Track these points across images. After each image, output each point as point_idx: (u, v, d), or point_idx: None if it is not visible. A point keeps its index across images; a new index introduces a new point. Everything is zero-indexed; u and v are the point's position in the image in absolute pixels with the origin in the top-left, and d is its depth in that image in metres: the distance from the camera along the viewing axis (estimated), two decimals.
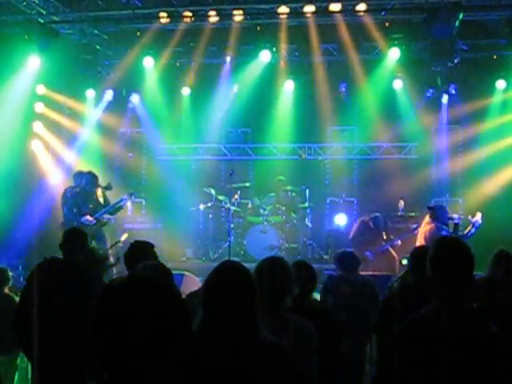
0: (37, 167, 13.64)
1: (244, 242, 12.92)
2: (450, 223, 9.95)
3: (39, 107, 13.58)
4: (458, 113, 13.60)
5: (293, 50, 13.81)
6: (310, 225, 13.42)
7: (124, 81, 14.34)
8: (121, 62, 13.92)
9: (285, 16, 12.20)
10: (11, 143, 12.66)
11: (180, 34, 13.20)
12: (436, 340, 2.92)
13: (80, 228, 5.94)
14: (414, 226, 11.77)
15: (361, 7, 11.74)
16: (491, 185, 13.07)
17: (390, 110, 13.93)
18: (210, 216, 13.99)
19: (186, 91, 14.60)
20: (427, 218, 10.09)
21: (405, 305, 3.59)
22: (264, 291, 3.25)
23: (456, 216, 10.00)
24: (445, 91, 13.31)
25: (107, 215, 11.12)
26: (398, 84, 13.68)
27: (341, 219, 13.43)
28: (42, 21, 11.91)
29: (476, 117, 13.38)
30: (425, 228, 9.93)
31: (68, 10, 12.17)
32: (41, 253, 9.64)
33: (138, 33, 13.42)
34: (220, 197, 13.38)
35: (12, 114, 12.72)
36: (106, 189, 11.35)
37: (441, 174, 14.00)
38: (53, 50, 12.14)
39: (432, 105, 13.73)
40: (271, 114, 14.45)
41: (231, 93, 14.46)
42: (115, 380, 1.95)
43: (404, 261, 9.67)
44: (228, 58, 13.90)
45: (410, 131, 14.03)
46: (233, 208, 13.03)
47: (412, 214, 12.76)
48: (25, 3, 11.60)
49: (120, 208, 11.32)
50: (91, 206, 11.00)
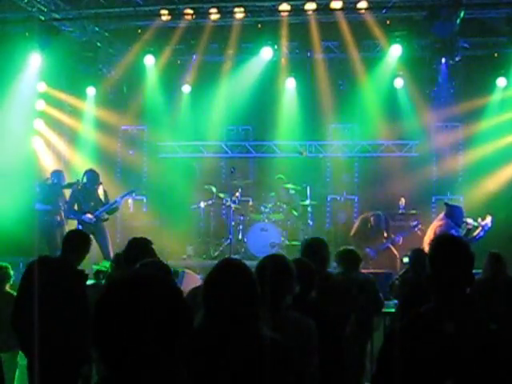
0: (38, 164, 13.64)
1: (245, 240, 12.93)
2: (463, 226, 9.99)
3: (40, 105, 13.58)
4: (459, 110, 13.58)
5: (294, 48, 13.80)
6: (311, 222, 13.41)
7: (125, 78, 14.35)
8: (122, 60, 13.92)
9: (286, 13, 12.18)
10: (13, 141, 12.67)
11: (181, 32, 13.18)
12: (436, 338, 2.92)
13: (82, 230, 5.98)
14: (415, 224, 11.81)
15: (362, 5, 11.72)
16: (492, 183, 13.06)
17: (391, 108, 13.92)
18: (211, 213, 13.98)
19: (187, 89, 14.59)
20: (441, 214, 10.14)
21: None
22: (265, 289, 3.26)
23: (470, 221, 10.02)
24: (446, 89, 13.30)
25: (105, 214, 11.15)
26: (399, 82, 13.67)
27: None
28: (43, 18, 11.90)
29: (477, 114, 13.35)
30: (437, 223, 9.99)
31: (69, 8, 12.17)
32: (41, 250, 9.68)
33: (139, 30, 13.40)
34: (221, 194, 13.39)
35: (13, 112, 12.72)
36: (69, 187, 11.43)
37: (442, 172, 13.99)
38: (54, 48, 12.12)
39: (433, 102, 13.71)
40: (272, 112, 14.43)
41: (232, 90, 14.46)
42: (116, 378, 1.95)
43: (405, 259, 9.70)
44: (229, 56, 13.89)
45: (411, 129, 14.01)
46: (234, 205, 13.04)
47: (413, 212, 12.77)
48: (26, 1, 11.59)
49: (116, 209, 11.34)
50: (92, 204, 11.03)
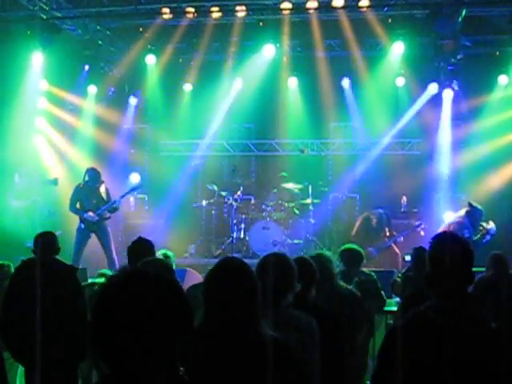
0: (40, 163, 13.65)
1: (247, 238, 12.93)
2: (479, 229, 10.04)
3: (42, 103, 13.58)
4: (461, 108, 13.56)
5: (296, 46, 13.80)
6: (313, 221, 13.41)
7: (126, 77, 14.35)
8: (123, 58, 13.92)
9: (288, 12, 12.18)
10: (15, 139, 12.68)
11: (183, 30, 13.17)
12: (436, 336, 2.91)
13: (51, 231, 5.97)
14: (418, 224, 11.81)
15: (364, 3, 11.73)
16: (495, 180, 13.04)
17: (393, 106, 13.91)
18: (213, 212, 13.99)
19: (189, 87, 14.60)
20: (462, 212, 10.21)
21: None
22: (266, 287, 3.25)
23: (490, 227, 10.04)
24: (447, 87, 13.28)
25: (107, 212, 11.15)
26: (401, 80, 13.66)
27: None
28: (45, 17, 11.91)
29: (479, 112, 13.34)
30: (455, 219, 10.08)
31: (70, 6, 12.18)
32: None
33: (141, 29, 13.41)
34: (223, 193, 13.39)
35: (15, 110, 12.73)
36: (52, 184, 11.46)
37: (444, 170, 13.96)
38: (55, 46, 12.14)
39: (435, 100, 13.69)
40: (274, 110, 14.42)
41: (234, 89, 14.46)
42: (117, 376, 1.94)
43: (407, 257, 9.71)
44: (230, 54, 13.89)
45: (413, 127, 14.01)
46: (235, 204, 13.04)
47: (415, 211, 12.77)
48: None
49: (116, 208, 11.34)
50: (94, 202, 11.03)
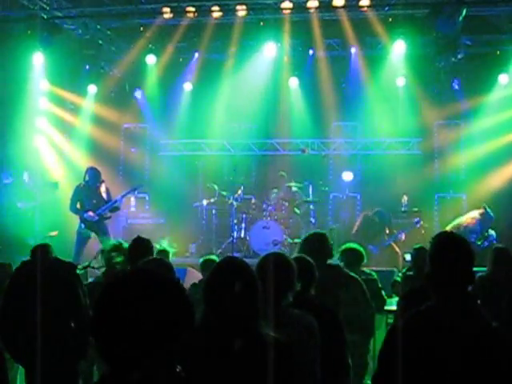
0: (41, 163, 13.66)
1: (247, 238, 12.92)
2: (485, 235, 10.21)
3: (42, 103, 13.58)
4: (462, 108, 13.57)
5: (296, 45, 13.79)
6: (313, 220, 13.41)
7: (127, 76, 14.36)
8: (124, 58, 13.93)
9: (288, 11, 12.17)
10: (16, 139, 12.69)
11: (183, 30, 13.17)
12: (436, 336, 2.92)
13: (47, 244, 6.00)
14: (416, 221, 11.83)
15: (364, 2, 11.72)
16: (495, 180, 13.04)
17: (394, 105, 13.91)
18: (214, 211, 13.98)
19: (189, 86, 14.60)
20: (476, 215, 10.41)
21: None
22: (267, 287, 3.25)
23: (490, 234, 10.26)
24: (448, 86, 13.29)
25: (108, 212, 11.15)
26: (402, 79, 13.66)
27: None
28: (45, 16, 11.91)
29: (479, 112, 13.34)
30: (466, 221, 10.27)
31: (71, 6, 12.18)
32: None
33: (141, 28, 13.40)
34: (223, 192, 13.40)
35: (16, 110, 12.74)
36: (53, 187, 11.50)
37: (444, 170, 13.97)
38: (56, 46, 12.14)
39: (435, 100, 13.69)
40: (275, 110, 14.42)
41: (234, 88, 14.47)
42: (117, 375, 1.95)
43: (407, 256, 9.72)
44: (231, 54, 13.88)
45: (414, 126, 14.01)
46: (236, 203, 13.04)
47: (415, 210, 12.75)
48: None
49: (117, 208, 11.33)
50: (94, 202, 11.03)
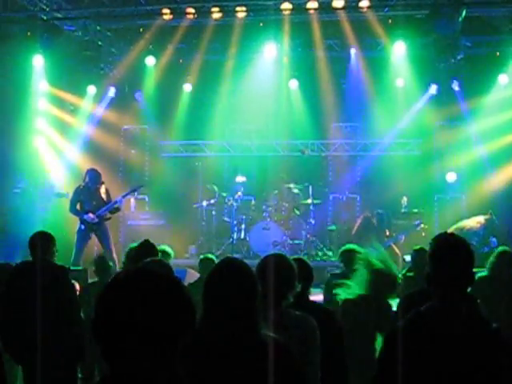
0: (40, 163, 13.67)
1: (247, 239, 12.94)
2: (488, 240, 10.27)
3: (42, 104, 13.58)
4: (461, 109, 13.57)
5: (296, 47, 13.79)
6: (313, 221, 13.42)
7: (127, 77, 14.36)
8: (124, 59, 13.94)
9: (288, 12, 12.18)
10: (14, 140, 12.70)
11: (183, 31, 13.18)
12: (436, 337, 2.91)
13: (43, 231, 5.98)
14: (417, 223, 11.82)
15: (364, 3, 11.73)
16: (494, 181, 13.04)
17: (393, 107, 13.92)
18: (213, 212, 13.98)
19: (189, 88, 14.61)
20: (482, 219, 10.48)
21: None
22: (267, 288, 3.25)
23: (492, 240, 10.31)
24: (448, 87, 13.30)
25: (108, 213, 11.15)
26: (401, 80, 13.67)
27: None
28: (45, 17, 11.92)
29: (479, 113, 13.35)
30: (470, 224, 10.30)
31: (71, 7, 12.19)
32: None
33: (141, 29, 13.41)
34: (223, 193, 13.41)
35: (16, 111, 12.75)
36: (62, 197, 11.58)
37: (444, 171, 13.97)
38: (55, 47, 12.14)
39: (435, 101, 13.70)
40: (274, 111, 14.43)
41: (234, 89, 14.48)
42: (118, 376, 1.94)
43: (407, 257, 9.71)
44: (231, 55, 13.89)
45: (414, 127, 14.01)
46: (236, 204, 13.05)
47: (415, 211, 12.77)
48: (28, 0, 11.61)
49: (118, 209, 11.33)
50: (94, 203, 11.02)
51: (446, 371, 2.86)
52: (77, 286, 6.39)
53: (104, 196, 11.17)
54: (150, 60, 13.78)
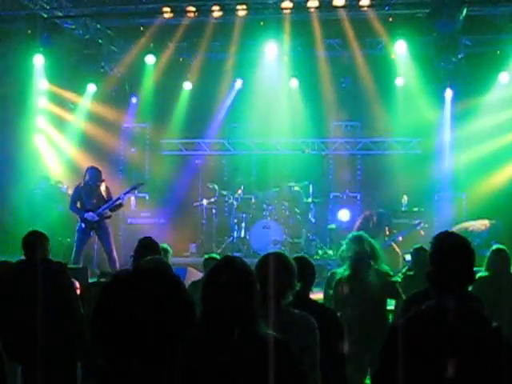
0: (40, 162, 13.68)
1: (247, 237, 12.92)
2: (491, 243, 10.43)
3: (42, 102, 13.58)
4: (462, 108, 13.55)
5: (296, 45, 13.78)
6: (314, 220, 13.40)
7: (127, 76, 14.35)
8: (124, 57, 13.93)
9: (288, 11, 12.18)
10: (15, 138, 12.71)
11: (183, 29, 13.18)
12: (437, 336, 2.91)
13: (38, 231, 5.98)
14: (417, 223, 11.81)
15: (364, 2, 11.73)
16: (495, 180, 13.03)
17: (394, 105, 13.91)
18: (214, 211, 13.96)
19: (189, 86, 14.60)
20: (487, 223, 10.53)
21: None
22: (266, 286, 3.25)
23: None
24: (448, 86, 13.29)
25: (108, 211, 11.13)
26: (402, 79, 13.66)
27: (344, 214, 13.41)
28: (46, 16, 11.92)
29: (479, 112, 13.33)
30: (475, 225, 10.35)
31: (71, 5, 12.19)
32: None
33: (141, 28, 13.41)
34: (223, 192, 13.40)
35: (16, 109, 12.75)
36: None
37: (444, 170, 13.95)
38: (56, 45, 12.14)
39: (436, 100, 13.69)
40: (275, 109, 14.41)
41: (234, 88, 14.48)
42: (117, 375, 1.94)
43: (407, 256, 9.70)
44: (231, 53, 13.88)
45: (414, 126, 13.99)
46: (236, 203, 13.04)
47: (415, 210, 12.76)
48: None
49: (120, 206, 11.31)
50: (94, 201, 11.00)
51: (447, 370, 2.86)
52: (77, 285, 6.39)
53: (104, 194, 11.16)
54: (150, 58, 13.77)
